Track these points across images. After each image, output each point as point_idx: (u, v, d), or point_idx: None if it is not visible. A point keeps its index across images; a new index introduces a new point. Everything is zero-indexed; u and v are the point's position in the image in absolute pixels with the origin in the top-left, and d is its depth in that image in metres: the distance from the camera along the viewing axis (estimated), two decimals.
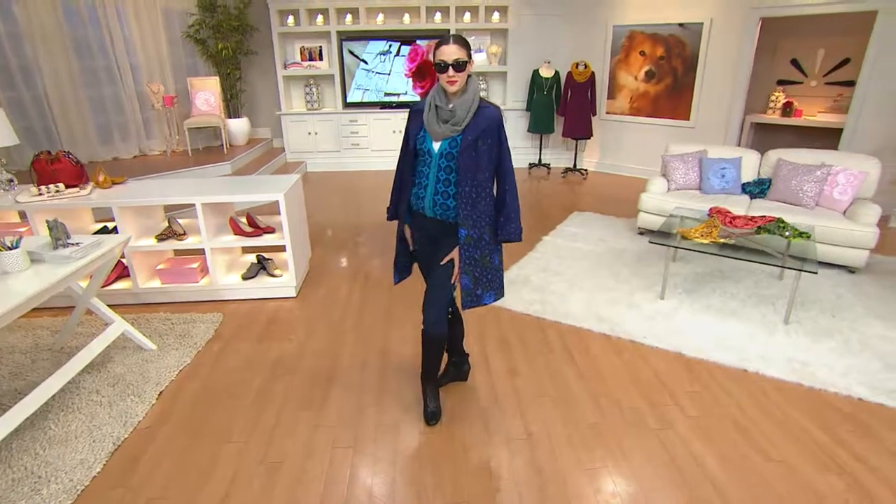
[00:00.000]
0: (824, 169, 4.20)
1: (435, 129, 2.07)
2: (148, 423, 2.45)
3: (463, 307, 2.25)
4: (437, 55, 2.00)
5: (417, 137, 2.15)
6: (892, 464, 2.21)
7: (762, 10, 5.65)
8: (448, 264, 2.22)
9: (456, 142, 2.06)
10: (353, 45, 7.13)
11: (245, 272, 3.69)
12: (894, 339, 3.11)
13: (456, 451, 2.26)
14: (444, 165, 2.10)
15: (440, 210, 2.16)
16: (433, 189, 2.14)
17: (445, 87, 2.03)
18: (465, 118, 2.04)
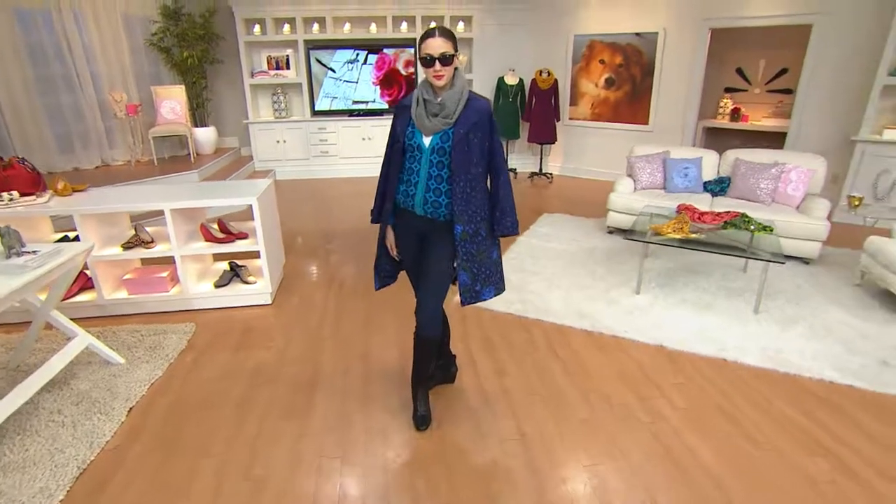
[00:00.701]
0: (778, 167, 4.28)
1: (425, 123, 1.93)
2: (117, 443, 2.20)
3: (462, 304, 2.11)
4: (422, 48, 1.87)
5: (406, 133, 2.00)
6: (869, 443, 2.20)
7: (711, 22, 5.78)
8: (442, 263, 2.07)
9: (448, 136, 1.92)
10: (320, 54, 6.92)
11: (217, 280, 3.44)
12: (853, 324, 3.15)
13: (449, 455, 2.11)
14: (435, 161, 1.96)
15: (431, 208, 2.01)
16: (424, 186, 1.99)
17: (432, 82, 1.90)
18: (455, 111, 1.91)
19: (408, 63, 7.13)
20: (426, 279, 2.12)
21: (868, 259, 3.51)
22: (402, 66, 7.15)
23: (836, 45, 5.19)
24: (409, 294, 3.61)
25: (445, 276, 2.10)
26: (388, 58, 7.09)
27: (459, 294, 2.09)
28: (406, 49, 7.06)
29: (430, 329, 2.13)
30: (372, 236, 4.90)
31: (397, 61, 7.12)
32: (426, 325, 2.13)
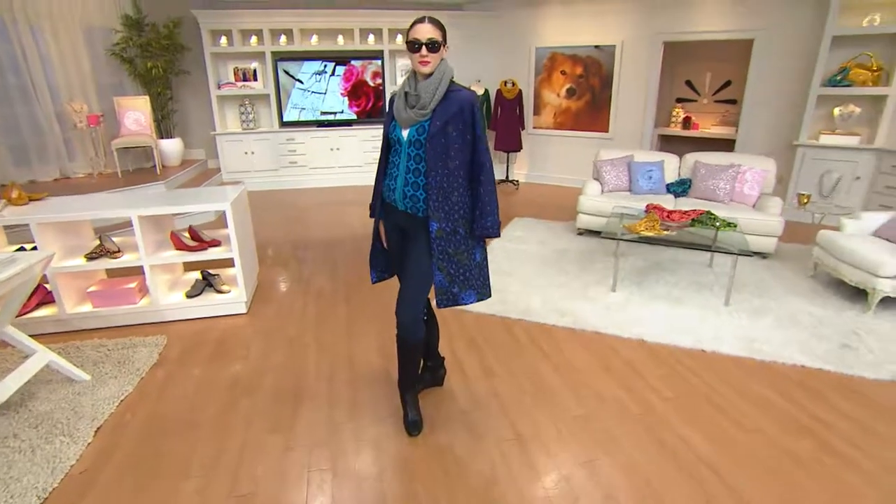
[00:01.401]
0: (734, 168, 4.37)
1: (402, 115, 1.83)
2: (84, 467, 1.95)
3: (438, 306, 1.97)
4: (410, 34, 1.80)
5: (389, 126, 1.91)
6: (845, 422, 2.20)
7: (664, 35, 5.93)
8: (421, 262, 1.93)
9: (423, 128, 1.81)
10: (288, 66, 6.70)
11: (189, 290, 3.19)
12: (813, 312, 3.20)
13: (446, 460, 1.97)
14: (413, 154, 1.85)
15: (410, 203, 1.89)
16: (403, 180, 1.89)
17: (417, 69, 1.82)
18: (430, 102, 1.79)
19: (375, 74, 7.00)
20: (406, 278, 1.99)
21: (820, 252, 3.61)
22: (370, 77, 7.01)
23: (775, 59, 5.40)
24: (390, 298, 3.47)
25: (426, 276, 1.94)
26: (356, 69, 6.94)
27: (435, 296, 1.95)
28: (374, 61, 6.93)
29: (411, 331, 1.99)
30: (348, 243, 4.75)
31: (365, 73, 6.98)
32: (406, 326, 1.98)
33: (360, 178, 7.25)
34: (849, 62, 4.94)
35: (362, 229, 5.08)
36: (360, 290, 3.61)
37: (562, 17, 6.51)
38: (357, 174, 7.24)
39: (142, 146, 5.68)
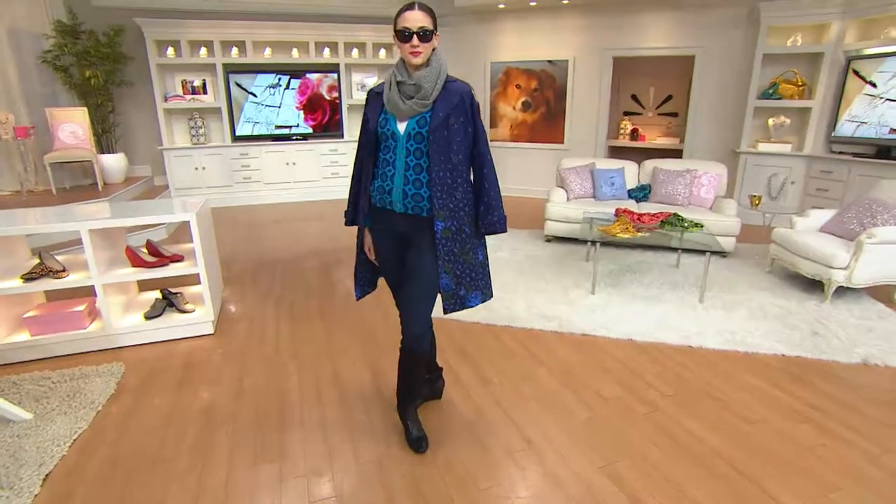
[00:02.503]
0: (690, 173, 4.53)
1: (399, 107, 1.66)
2: None
3: (445, 311, 1.81)
4: (399, 21, 1.62)
5: (379, 121, 1.71)
6: (835, 405, 2.23)
7: (613, 51, 6.15)
8: (427, 266, 1.76)
9: (425, 119, 1.64)
10: (240, 78, 6.36)
11: (148, 311, 2.83)
12: (779, 303, 3.31)
13: (458, 476, 1.79)
14: (413, 149, 1.67)
15: (412, 202, 1.70)
16: (402, 179, 1.69)
17: (408, 60, 1.63)
18: (432, 91, 1.64)
19: (331, 88, 6.79)
20: (412, 287, 1.79)
21: (777, 248, 3.76)
22: (326, 91, 6.79)
23: (715, 74, 5.73)
24: (368, 310, 3.27)
25: (433, 281, 1.77)
26: (312, 83, 6.70)
27: (442, 300, 1.80)
28: (330, 74, 6.73)
29: (420, 343, 1.83)
30: (313, 258, 4.47)
31: (321, 86, 6.75)
32: (418, 337, 1.82)
33: (317, 194, 6.96)
34: (778, 78, 5.31)
35: (327, 243, 4.82)
36: (333, 304, 3.37)
37: (516, 33, 6.61)
38: (314, 189, 6.95)
39: (79, 161, 5.14)
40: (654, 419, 2.13)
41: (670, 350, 2.73)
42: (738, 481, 1.77)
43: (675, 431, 2.05)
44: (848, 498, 1.69)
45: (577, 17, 6.19)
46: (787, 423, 2.11)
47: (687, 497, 1.69)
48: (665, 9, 5.75)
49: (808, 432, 2.05)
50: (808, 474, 1.81)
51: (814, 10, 4.95)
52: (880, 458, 1.90)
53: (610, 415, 2.16)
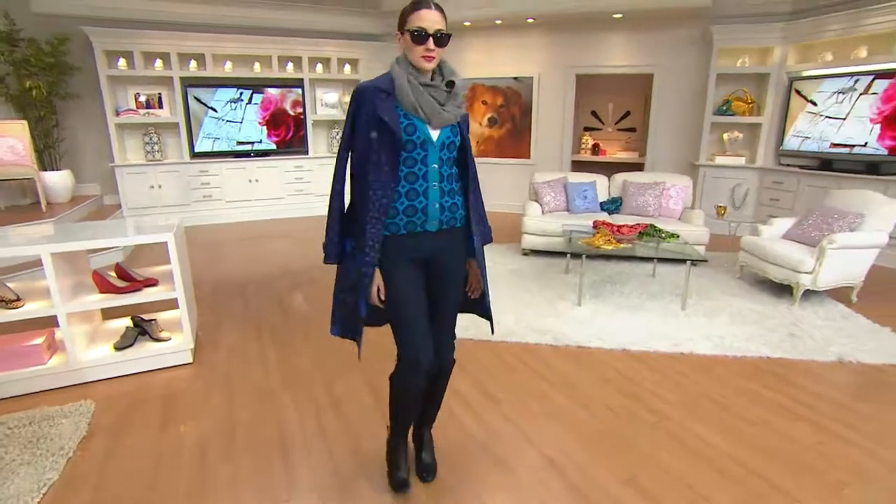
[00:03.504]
0: (659, 186, 4.73)
1: (439, 113, 1.47)
2: None
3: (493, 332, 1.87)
4: (412, 20, 1.43)
5: (405, 128, 1.46)
6: (824, 403, 2.35)
7: (576, 69, 6.39)
8: (460, 287, 1.70)
9: (457, 128, 1.55)
10: (199, 92, 6.09)
11: (118, 341, 2.60)
12: (754, 308, 3.48)
13: (488, 499, 1.73)
14: (445, 158, 1.54)
15: (449, 215, 1.56)
16: (439, 192, 1.53)
17: (419, 64, 1.45)
18: (461, 95, 1.55)
19: (295, 103, 6.64)
20: (448, 309, 1.68)
21: (746, 255, 3.97)
22: (290, 106, 6.63)
23: (673, 91, 6.06)
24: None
25: (460, 302, 1.73)
26: (275, 98, 6.53)
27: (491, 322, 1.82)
28: (293, 89, 6.58)
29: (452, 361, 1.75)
30: (286, 278, 4.28)
31: (284, 101, 6.59)
32: (450, 360, 1.73)
33: (281, 211, 6.74)
34: (730, 95, 5.68)
35: (298, 262, 4.65)
36: (316, 325, 3.23)
37: (481, 51, 6.74)
38: (279, 207, 6.72)
39: (18, 179, 4.73)
40: (664, 427, 2.15)
41: (664, 358, 2.80)
42: (754, 483, 1.81)
43: (685, 438, 2.08)
44: (858, 494, 1.77)
45: (541, 35, 6.39)
46: (785, 422, 2.20)
47: (709, 501, 1.71)
48: (625, 29, 6.05)
49: (806, 430, 2.14)
50: (815, 472, 1.88)
51: (758, 35, 5.36)
52: (876, 451, 2.00)
53: (620, 426, 2.16)
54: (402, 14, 1.48)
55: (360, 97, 1.49)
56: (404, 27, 1.46)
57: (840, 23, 4.81)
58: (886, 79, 4.50)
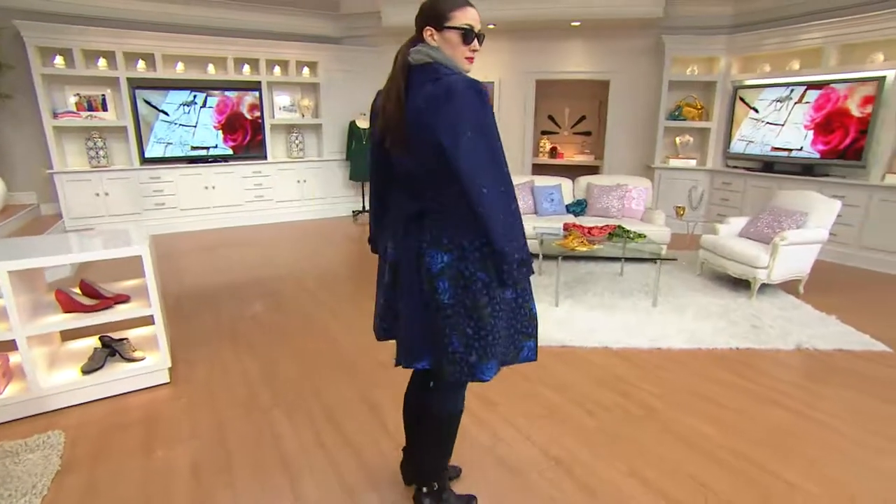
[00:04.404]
0: (622, 188, 4.95)
1: None
2: None
3: None
4: (459, 16, 1.32)
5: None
6: (792, 388, 2.54)
7: (536, 74, 6.57)
8: None
9: None
10: (148, 95, 5.75)
11: (86, 363, 2.41)
12: (717, 302, 3.70)
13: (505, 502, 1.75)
14: None
15: None
16: None
17: (461, 64, 1.36)
18: None
19: (253, 107, 6.41)
20: None
21: (706, 253, 4.23)
22: (247, 109, 6.40)
23: (628, 96, 6.36)
24: (336, 334, 3.12)
25: None
26: (231, 101, 6.28)
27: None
28: (251, 92, 6.35)
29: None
30: (255, 287, 4.12)
31: (241, 105, 6.34)
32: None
33: (241, 219, 6.48)
34: (681, 101, 6.02)
35: (266, 271, 4.50)
36: (296, 335, 3.14)
37: None
38: (237, 214, 6.47)
39: None
40: (655, 419, 2.26)
41: (644, 353, 2.93)
42: (746, 468, 1.93)
43: (677, 429, 2.19)
44: (832, 468, 1.93)
45: (502, 41, 6.52)
46: (760, 408, 2.36)
47: (712, 490, 1.81)
48: (583, 37, 6.28)
49: (780, 414, 2.31)
50: (794, 452, 2.03)
51: (705, 46, 5.72)
52: (840, 429, 2.19)
53: (615, 421, 2.25)
54: (440, 9, 1.33)
55: (484, 95, 1.30)
56: (445, 23, 1.33)
57: (776, 38, 5.22)
58: (816, 89, 4.93)
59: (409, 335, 1.42)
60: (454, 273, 1.34)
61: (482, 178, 1.25)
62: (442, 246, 1.34)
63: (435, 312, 1.36)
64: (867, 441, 2.11)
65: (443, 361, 1.38)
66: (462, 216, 1.31)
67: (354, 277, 4.46)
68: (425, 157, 1.32)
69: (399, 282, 1.44)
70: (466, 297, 1.34)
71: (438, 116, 1.25)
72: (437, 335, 1.37)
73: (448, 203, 1.34)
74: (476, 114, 1.25)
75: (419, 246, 1.36)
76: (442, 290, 1.34)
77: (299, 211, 6.95)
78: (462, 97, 1.23)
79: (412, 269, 1.38)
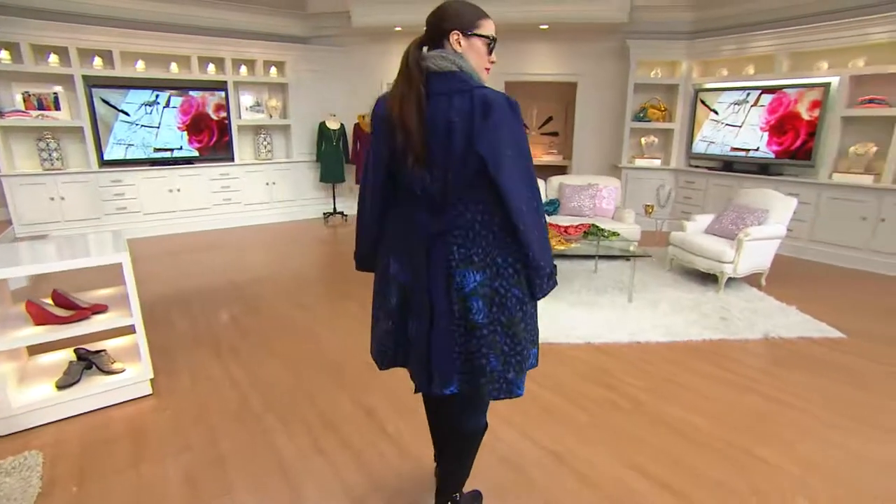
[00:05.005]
0: (593, 187, 5.10)
1: None
2: None
3: None
4: (484, 26, 1.33)
5: None
6: (763, 375, 2.70)
7: (507, 76, 6.67)
8: None
9: None
10: (106, 94, 5.48)
11: (61, 378, 2.29)
12: (688, 296, 3.87)
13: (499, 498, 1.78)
14: None
15: None
16: None
17: (482, 75, 1.35)
18: None
19: (219, 107, 6.22)
20: None
21: (675, 249, 4.42)
22: (213, 110, 6.20)
23: (596, 98, 6.55)
24: (319, 334, 3.10)
25: None
26: (196, 101, 6.06)
27: None
28: (216, 92, 6.15)
29: None
30: (230, 291, 4.01)
31: (206, 105, 6.14)
32: None
33: (208, 223, 6.28)
34: (645, 103, 6.26)
35: (239, 275, 4.38)
36: (280, 338, 3.09)
37: None
38: (205, 218, 6.26)
39: None
40: (643, 412, 2.35)
41: (625, 348, 3.04)
42: (733, 453, 2.05)
43: (664, 419, 2.29)
44: (808, 448, 2.07)
45: None
46: (737, 395, 2.50)
47: (704, 476, 1.91)
48: (551, 40, 6.42)
49: (757, 401, 2.45)
50: (773, 435, 2.17)
51: (667, 50, 5.97)
52: (811, 411, 2.35)
53: (606, 415, 2.33)
54: (468, 15, 1.32)
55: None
56: (474, 30, 1.32)
57: (732, 44, 5.51)
58: (770, 94, 5.24)
59: (441, 360, 1.33)
60: (488, 291, 1.30)
61: (522, 196, 1.26)
62: (473, 264, 1.29)
63: (468, 333, 1.32)
64: (835, 422, 2.27)
65: (481, 381, 1.34)
66: (492, 233, 1.30)
67: (330, 279, 4.41)
68: (456, 173, 1.26)
69: (412, 305, 1.37)
70: (502, 314, 1.32)
71: (476, 133, 1.22)
72: (472, 356, 1.33)
73: (475, 220, 1.30)
74: (514, 131, 1.25)
75: (448, 265, 1.30)
76: (476, 309, 1.29)
77: (269, 213, 6.80)
78: (501, 114, 1.22)
79: (441, 290, 1.31)
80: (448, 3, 1.35)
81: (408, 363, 1.44)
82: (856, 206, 4.69)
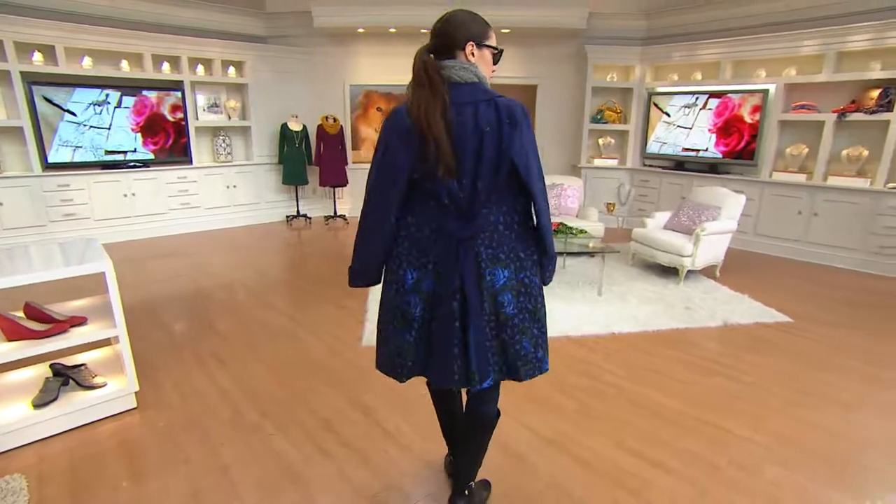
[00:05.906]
0: (558, 187, 5.30)
1: None
2: None
3: None
4: (492, 38, 1.43)
5: None
6: (727, 358, 2.94)
7: None
8: None
9: None
10: (49, 92, 5.14)
11: (37, 396, 2.18)
12: (652, 289, 4.13)
13: (508, 488, 1.88)
14: None
15: None
16: None
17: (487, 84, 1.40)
18: None
19: (175, 108, 5.97)
20: None
21: (637, 245, 4.69)
22: (169, 111, 5.95)
23: (555, 100, 6.80)
24: (302, 337, 3.09)
25: None
26: (150, 101, 5.80)
27: None
28: (172, 92, 5.91)
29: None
30: (200, 297, 3.90)
31: (162, 105, 5.88)
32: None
33: (166, 228, 6.03)
34: (602, 105, 6.56)
35: (206, 280, 4.26)
36: (263, 343, 3.05)
37: (375, 57, 6.78)
38: (162, 223, 6.00)
39: None
40: (625, 397, 2.52)
41: (602, 340, 3.21)
42: (707, 429, 2.24)
43: (644, 403, 2.46)
44: (772, 423, 2.30)
45: None
46: (706, 378, 2.72)
47: (683, 449, 2.09)
48: (513, 44, 6.59)
49: (723, 382, 2.68)
50: (741, 412, 2.38)
51: (622, 55, 6.30)
52: (772, 390, 2.60)
53: (592, 401, 2.48)
54: (479, 26, 1.39)
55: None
56: (485, 41, 1.40)
57: (682, 51, 5.89)
58: (717, 98, 5.65)
59: (480, 357, 1.38)
60: (515, 284, 1.41)
61: (543, 194, 1.41)
62: (500, 262, 1.39)
63: (499, 326, 1.41)
64: (793, 398, 2.52)
65: (518, 365, 1.43)
66: (513, 230, 1.41)
67: (300, 282, 4.37)
68: (487, 180, 1.32)
69: (437, 311, 1.39)
70: (528, 302, 1.43)
71: (507, 141, 1.29)
72: (505, 345, 1.42)
73: (499, 221, 1.39)
74: (532, 138, 1.37)
75: (478, 266, 1.37)
76: (507, 302, 1.40)
77: (230, 218, 6.60)
78: (524, 122, 1.33)
79: (474, 290, 1.36)
80: (457, 12, 1.40)
81: (428, 369, 1.46)
82: (793, 201, 5.14)
